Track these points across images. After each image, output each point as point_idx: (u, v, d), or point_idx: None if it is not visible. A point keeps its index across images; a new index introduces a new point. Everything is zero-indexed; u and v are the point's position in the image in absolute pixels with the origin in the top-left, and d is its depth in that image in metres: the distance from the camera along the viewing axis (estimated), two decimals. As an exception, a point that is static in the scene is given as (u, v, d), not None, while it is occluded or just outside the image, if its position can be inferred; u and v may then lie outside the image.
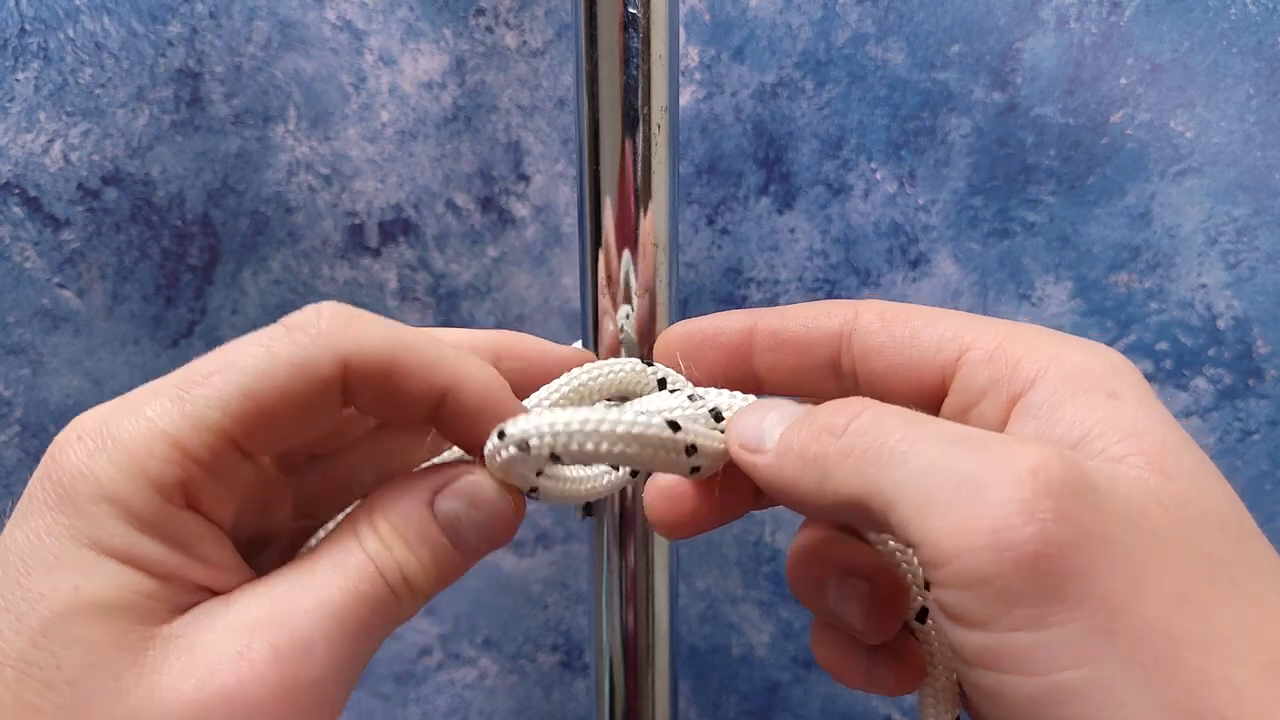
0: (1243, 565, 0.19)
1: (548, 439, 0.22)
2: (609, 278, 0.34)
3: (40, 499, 0.20)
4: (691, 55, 0.43)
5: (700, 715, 0.54)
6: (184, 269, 0.44)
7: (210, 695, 0.19)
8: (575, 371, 0.27)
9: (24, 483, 0.23)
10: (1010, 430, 0.22)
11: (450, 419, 0.23)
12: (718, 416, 0.24)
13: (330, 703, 0.21)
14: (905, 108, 0.43)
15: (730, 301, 0.47)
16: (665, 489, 0.26)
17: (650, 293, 0.31)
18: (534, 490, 0.23)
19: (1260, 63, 0.41)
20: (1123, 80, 0.42)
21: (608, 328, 0.33)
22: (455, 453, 0.26)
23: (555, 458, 0.22)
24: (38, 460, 0.23)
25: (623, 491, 0.34)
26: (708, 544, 0.51)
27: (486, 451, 0.23)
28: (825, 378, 0.25)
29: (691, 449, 0.23)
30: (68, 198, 0.43)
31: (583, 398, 0.27)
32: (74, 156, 0.42)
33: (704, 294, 0.47)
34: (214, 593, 0.21)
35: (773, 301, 0.47)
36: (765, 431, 0.23)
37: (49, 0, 0.40)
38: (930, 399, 0.23)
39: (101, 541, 0.20)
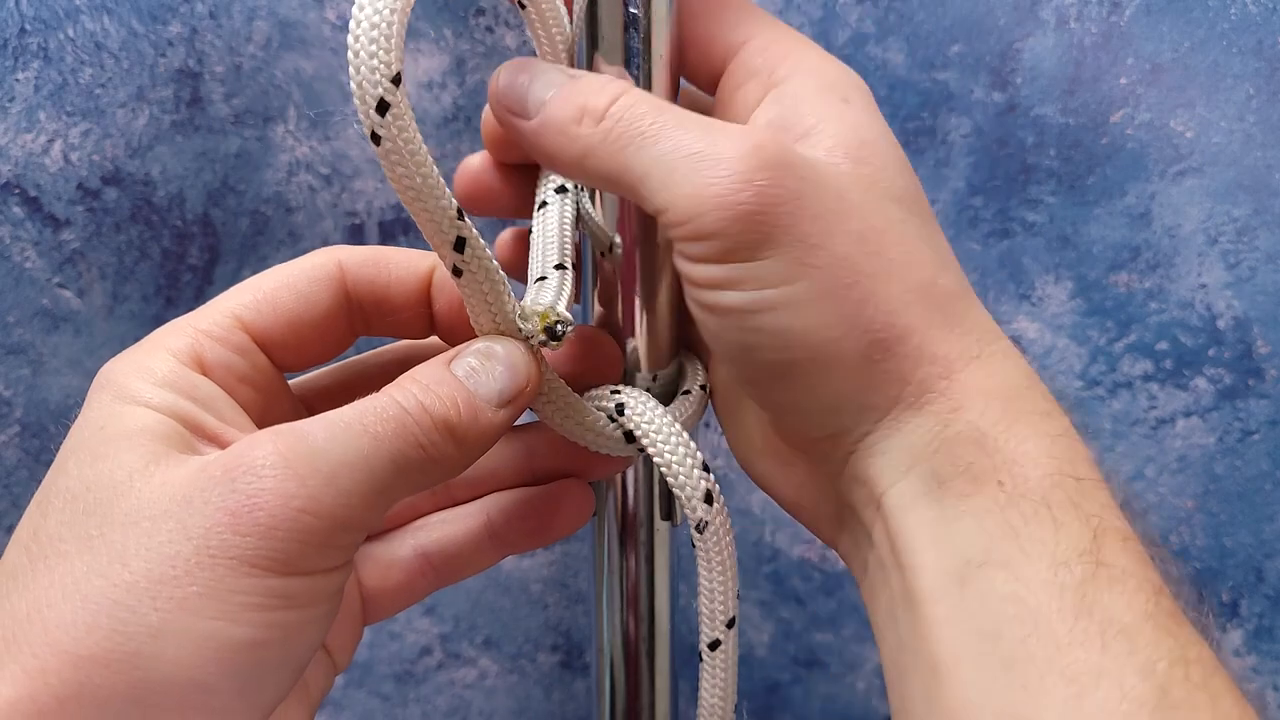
0: (911, 224, 0.25)
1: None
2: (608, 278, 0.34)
3: (90, 393, 0.24)
4: (691, 55, 0.43)
5: (700, 715, 0.54)
6: (184, 269, 0.44)
7: (212, 471, 0.22)
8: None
9: (24, 483, 0.23)
10: (759, 110, 0.26)
11: (442, 296, 0.28)
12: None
13: (343, 489, 0.22)
14: (905, 108, 0.43)
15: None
16: (474, 171, 0.31)
17: (652, 294, 0.31)
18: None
19: (1260, 63, 0.41)
20: (1123, 80, 0.42)
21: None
22: None
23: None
24: (38, 460, 0.23)
25: (623, 492, 0.34)
26: (708, 544, 0.51)
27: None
28: None
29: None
30: (68, 198, 0.43)
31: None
32: (74, 156, 0.42)
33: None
34: None
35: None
36: (530, 98, 0.26)
37: (49, 0, 0.40)
38: (715, 73, 0.29)
39: (129, 396, 0.24)
